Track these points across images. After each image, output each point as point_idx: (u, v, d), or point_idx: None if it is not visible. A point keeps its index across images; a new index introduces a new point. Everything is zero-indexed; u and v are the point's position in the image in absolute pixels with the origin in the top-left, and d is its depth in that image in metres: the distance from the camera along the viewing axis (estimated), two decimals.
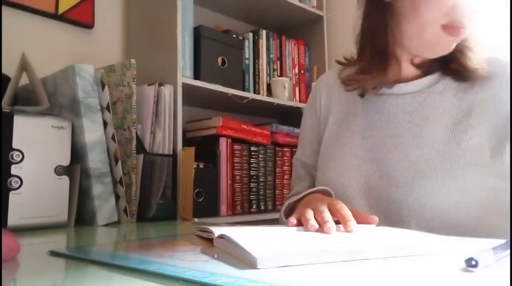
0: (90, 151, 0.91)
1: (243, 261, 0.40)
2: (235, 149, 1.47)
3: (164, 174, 1.09)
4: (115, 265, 0.42)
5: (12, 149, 0.81)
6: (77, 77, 0.92)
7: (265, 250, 0.40)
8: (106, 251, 0.52)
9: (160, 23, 1.34)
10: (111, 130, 0.96)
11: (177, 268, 0.37)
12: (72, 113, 0.93)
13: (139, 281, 0.36)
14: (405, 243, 0.46)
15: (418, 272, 0.37)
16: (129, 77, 1.01)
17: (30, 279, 0.40)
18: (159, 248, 0.51)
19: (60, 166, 0.87)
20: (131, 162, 0.99)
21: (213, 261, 0.41)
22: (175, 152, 1.19)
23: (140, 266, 0.39)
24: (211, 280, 0.32)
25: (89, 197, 0.92)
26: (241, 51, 1.60)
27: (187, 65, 1.36)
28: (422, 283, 0.33)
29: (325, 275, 0.35)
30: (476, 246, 0.50)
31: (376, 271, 0.37)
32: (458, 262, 0.39)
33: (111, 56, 1.44)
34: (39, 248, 0.62)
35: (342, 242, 0.46)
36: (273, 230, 0.59)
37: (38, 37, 1.29)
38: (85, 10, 1.37)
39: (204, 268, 0.37)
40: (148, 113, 1.10)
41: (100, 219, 0.91)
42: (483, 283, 0.33)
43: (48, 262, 0.47)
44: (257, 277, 0.34)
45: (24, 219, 0.81)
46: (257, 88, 1.65)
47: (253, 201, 1.52)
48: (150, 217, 1.04)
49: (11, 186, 0.80)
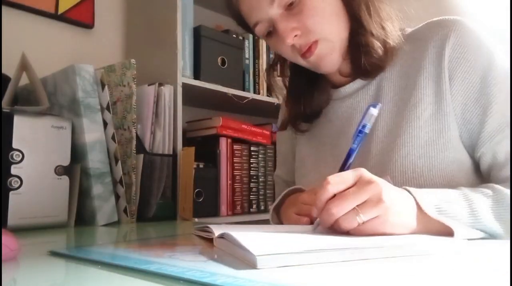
0: (90, 151, 0.91)
1: (243, 261, 0.40)
2: (235, 149, 1.47)
3: (164, 174, 1.09)
4: (115, 265, 0.41)
5: (12, 149, 0.81)
6: (77, 77, 0.92)
7: (265, 249, 0.40)
8: (106, 251, 0.52)
9: (160, 23, 1.34)
10: (111, 130, 0.96)
11: (177, 268, 0.37)
12: (72, 113, 0.93)
13: (139, 281, 0.36)
14: (404, 242, 0.46)
15: (418, 271, 0.37)
16: (129, 77, 1.01)
17: (30, 279, 0.40)
18: (159, 248, 0.51)
19: (60, 166, 0.87)
20: (131, 162, 0.99)
21: (213, 261, 0.41)
22: (175, 151, 1.19)
23: (140, 266, 0.39)
24: (211, 280, 0.32)
25: (89, 197, 0.92)
26: (241, 51, 1.60)
27: (187, 65, 1.36)
28: (422, 283, 0.33)
29: (325, 275, 0.35)
30: (474, 248, 0.50)
31: (376, 271, 0.37)
32: (457, 262, 0.39)
33: (111, 56, 1.44)
34: (39, 248, 0.62)
35: (342, 242, 0.46)
36: (274, 229, 0.59)
37: (38, 37, 1.29)
38: (85, 10, 1.37)
39: (204, 268, 0.37)
40: (148, 113, 1.10)
41: (100, 219, 0.91)
42: (481, 282, 0.33)
43: (48, 262, 0.47)
44: (257, 277, 0.34)
45: (24, 219, 0.81)
46: (257, 88, 1.65)
47: (253, 201, 1.52)
48: (150, 217, 1.04)
49: (11, 186, 0.80)
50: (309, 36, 0.69)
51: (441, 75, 0.68)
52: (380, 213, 0.49)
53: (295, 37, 0.68)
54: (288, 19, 0.68)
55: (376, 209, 0.49)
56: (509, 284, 0.31)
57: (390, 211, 0.50)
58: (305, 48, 0.70)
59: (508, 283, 0.31)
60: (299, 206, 0.67)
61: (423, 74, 0.70)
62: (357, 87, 0.78)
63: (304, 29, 0.68)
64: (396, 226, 0.50)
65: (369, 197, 0.49)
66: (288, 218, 0.70)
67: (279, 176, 0.98)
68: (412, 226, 0.52)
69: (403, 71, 0.73)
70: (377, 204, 0.49)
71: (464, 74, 0.67)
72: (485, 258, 0.45)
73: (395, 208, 0.50)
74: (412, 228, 0.52)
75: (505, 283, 0.32)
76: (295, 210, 0.68)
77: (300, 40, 0.69)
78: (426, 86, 0.69)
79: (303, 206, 0.66)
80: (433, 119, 0.68)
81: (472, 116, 0.66)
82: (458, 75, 0.67)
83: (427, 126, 0.68)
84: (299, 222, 0.65)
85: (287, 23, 0.68)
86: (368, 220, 0.49)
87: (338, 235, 0.51)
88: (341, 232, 0.51)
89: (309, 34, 0.68)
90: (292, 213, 0.68)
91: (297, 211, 0.68)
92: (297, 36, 0.69)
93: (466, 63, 0.67)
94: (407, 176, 0.67)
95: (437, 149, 0.67)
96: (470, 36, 0.67)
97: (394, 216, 0.50)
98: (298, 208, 0.68)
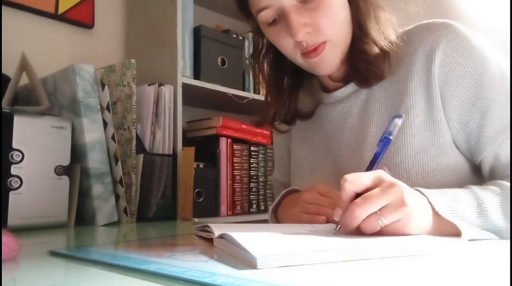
0: (90, 150, 0.91)
1: (243, 261, 0.40)
2: (235, 149, 1.47)
3: (164, 174, 1.09)
4: (115, 265, 0.41)
5: (12, 149, 0.81)
6: (77, 77, 0.92)
7: (265, 250, 0.40)
8: (106, 251, 0.52)
9: (160, 23, 1.34)
10: (111, 130, 0.96)
11: (177, 268, 0.37)
12: (72, 113, 0.93)
13: (139, 281, 0.36)
14: (404, 242, 0.46)
15: (418, 271, 0.37)
16: (129, 77, 1.01)
17: (30, 279, 0.40)
18: (159, 248, 0.51)
19: (60, 166, 0.87)
20: (131, 162, 0.99)
21: (213, 261, 0.41)
22: (175, 151, 1.19)
23: (140, 266, 0.39)
24: (211, 280, 0.32)
25: (89, 197, 0.92)
26: (241, 51, 1.60)
27: (187, 65, 1.36)
28: (421, 282, 0.33)
29: (325, 275, 0.35)
30: (473, 247, 0.50)
31: (376, 271, 0.37)
32: (454, 262, 0.39)
33: (111, 56, 1.44)
34: (39, 248, 0.62)
35: (341, 242, 0.46)
36: (273, 229, 0.59)
37: (38, 37, 1.29)
38: (85, 10, 1.37)
39: (204, 268, 0.37)
40: (148, 113, 1.10)
41: (100, 219, 0.91)
42: (481, 282, 0.33)
43: (48, 262, 0.47)
44: (257, 277, 0.34)
45: (24, 219, 0.81)
46: (257, 88, 1.65)
47: (253, 201, 1.52)
48: (150, 217, 1.04)
49: (11, 186, 0.80)
50: (319, 36, 0.66)
51: (430, 80, 0.67)
52: (402, 216, 0.49)
53: (306, 34, 0.66)
54: (301, 13, 0.65)
55: (399, 212, 0.49)
56: (509, 284, 0.31)
57: (412, 214, 0.50)
58: (312, 48, 0.67)
59: (508, 283, 0.31)
60: (304, 205, 0.67)
61: (414, 80, 0.69)
62: (349, 92, 0.77)
63: (315, 28, 0.66)
64: (416, 228, 0.51)
65: (391, 200, 0.49)
66: (291, 218, 0.69)
67: (276, 178, 0.98)
68: (427, 227, 0.52)
69: (393, 76, 0.72)
70: (399, 207, 0.49)
71: (458, 79, 0.66)
72: (485, 258, 0.45)
73: (416, 211, 0.50)
74: (427, 229, 0.52)
75: (505, 283, 0.32)
76: (300, 209, 0.67)
77: (309, 37, 0.66)
78: (417, 92, 0.69)
79: (309, 205, 0.66)
80: (425, 126, 0.68)
81: (469, 120, 0.66)
82: (452, 80, 0.66)
83: (419, 133, 0.67)
84: (315, 221, 0.63)
85: (300, 17, 0.64)
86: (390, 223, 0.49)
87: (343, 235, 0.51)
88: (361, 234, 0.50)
89: (319, 34, 0.66)
90: (298, 212, 0.67)
91: (303, 210, 0.67)
92: (308, 33, 0.66)
93: (459, 67, 0.66)
94: None
95: (430, 156, 0.66)
96: (462, 40, 0.66)
97: (415, 219, 0.50)
98: (304, 207, 0.67)
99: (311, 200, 0.66)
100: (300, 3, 0.65)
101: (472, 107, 0.65)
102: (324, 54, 0.68)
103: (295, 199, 0.73)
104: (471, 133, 0.66)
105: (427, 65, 0.68)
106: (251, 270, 0.36)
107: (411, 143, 0.67)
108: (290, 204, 0.75)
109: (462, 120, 0.66)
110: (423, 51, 0.69)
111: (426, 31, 0.70)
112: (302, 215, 0.66)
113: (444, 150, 0.67)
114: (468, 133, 0.66)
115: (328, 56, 0.69)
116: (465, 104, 0.66)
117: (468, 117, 0.66)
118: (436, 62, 0.67)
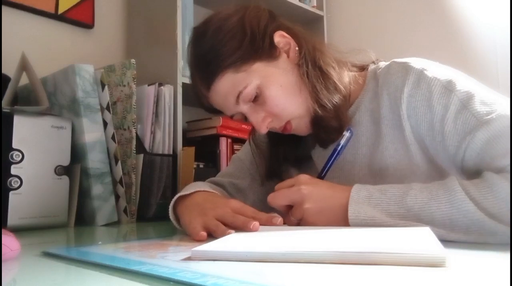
0: (90, 151, 0.91)
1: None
2: (235, 149, 1.47)
3: (164, 174, 1.09)
4: (108, 266, 0.41)
5: (12, 149, 0.81)
6: (77, 77, 0.92)
7: (207, 246, 0.44)
8: (103, 252, 0.52)
9: (160, 23, 1.34)
10: (111, 130, 0.96)
11: (168, 269, 0.37)
12: (72, 113, 0.93)
13: (129, 282, 0.36)
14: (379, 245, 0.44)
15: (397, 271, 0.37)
16: (129, 77, 1.01)
17: (30, 279, 0.40)
18: (154, 248, 0.51)
19: (60, 166, 0.87)
20: (131, 162, 0.99)
21: (206, 262, 0.41)
22: (175, 151, 1.19)
23: (132, 267, 0.39)
24: (202, 282, 0.32)
25: (89, 197, 0.92)
26: None
27: (187, 65, 1.36)
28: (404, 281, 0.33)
29: (323, 275, 0.35)
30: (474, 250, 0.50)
31: (353, 272, 0.37)
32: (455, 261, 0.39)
33: (111, 56, 1.44)
34: (39, 248, 0.62)
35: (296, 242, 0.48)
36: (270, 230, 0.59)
37: (38, 37, 1.29)
38: (85, 10, 1.37)
39: (196, 269, 0.37)
40: (148, 113, 1.10)
41: (100, 219, 0.91)
42: (481, 282, 0.33)
43: (47, 262, 0.47)
44: (249, 279, 0.34)
45: (24, 219, 0.81)
46: None
47: None
48: (150, 217, 1.04)
49: (11, 186, 0.80)
50: (281, 119, 0.73)
51: (401, 122, 0.70)
52: (304, 215, 0.62)
53: (269, 123, 0.72)
54: (257, 110, 0.72)
55: (299, 212, 0.62)
56: (509, 284, 0.31)
57: (310, 212, 0.62)
58: (281, 129, 0.74)
59: (508, 283, 0.31)
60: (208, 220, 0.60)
61: (384, 122, 0.72)
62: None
63: (274, 116, 0.72)
64: (321, 222, 0.62)
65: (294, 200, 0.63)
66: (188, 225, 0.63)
67: (239, 158, 0.93)
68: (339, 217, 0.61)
69: (371, 116, 0.75)
70: (299, 207, 0.62)
71: (423, 116, 0.67)
72: (486, 257, 0.45)
73: (315, 210, 0.62)
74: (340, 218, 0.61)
75: (505, 283, 0.32)
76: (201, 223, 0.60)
77: (274, 124, 0.73)
78: (390, 134, 0.71)
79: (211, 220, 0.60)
80: (403, 163, 0.70)
81: (434, 138, 0.67)
82: (414, 113, 0.68)
83: (397, 170, 0.70)
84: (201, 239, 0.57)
85: (257, 115, 0.72)
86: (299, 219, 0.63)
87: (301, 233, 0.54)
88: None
89: (280, 118, 0.72)
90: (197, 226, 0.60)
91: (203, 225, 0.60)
92: (270, 122, 0.72)
93: (423, 109, 0.67)
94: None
95: (409, 181, 0.65)
96: (424, 84, 0.67)
97: (317, 215, 0.62)
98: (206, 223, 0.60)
99: (219, 216, 0.61)
100: (253, 103, 0.72)
101: (431, 126, 0.66)
102: (295, 128, 0.74)
103: (207, 205, 0.66)
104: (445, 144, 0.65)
105: (395, 107, 0.70)
106: (242, 271, 0.36)
107: (391, 181, 0.66)
108: (197, 208, 0.67)
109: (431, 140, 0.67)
110: (388, 94, 0.72)
111: (388, 75, 0.72)
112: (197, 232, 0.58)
113: (420, 170, 0.69)
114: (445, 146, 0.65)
115: (300, 127, 0.75)
116: (427, 125, 0.67)
117: (432, 138, 0.67)
118: (403, 106, 0.69)
